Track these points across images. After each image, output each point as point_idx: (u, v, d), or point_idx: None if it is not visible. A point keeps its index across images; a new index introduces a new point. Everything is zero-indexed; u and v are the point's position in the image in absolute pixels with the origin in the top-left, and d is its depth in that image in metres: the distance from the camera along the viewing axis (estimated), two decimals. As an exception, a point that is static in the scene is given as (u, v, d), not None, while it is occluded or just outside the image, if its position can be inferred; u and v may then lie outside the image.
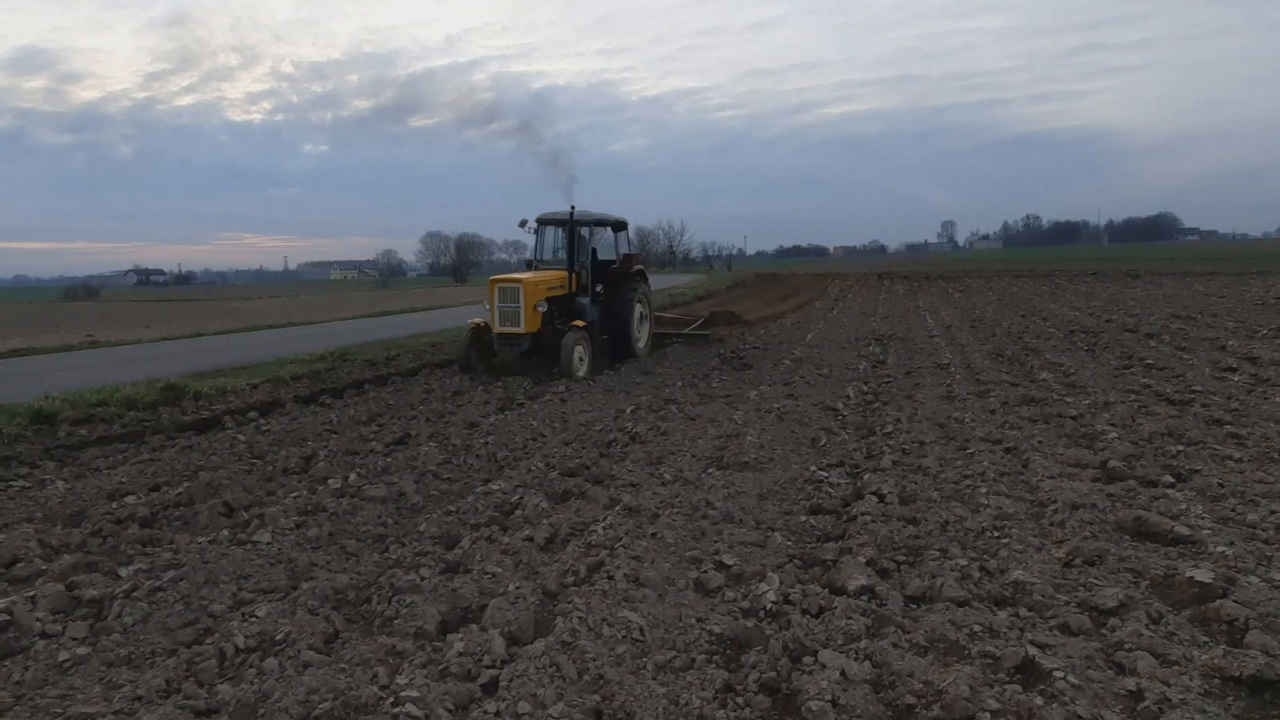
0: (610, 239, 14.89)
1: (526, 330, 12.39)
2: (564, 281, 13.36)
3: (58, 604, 4.38)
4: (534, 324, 12.45)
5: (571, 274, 13.42)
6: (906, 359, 13.23)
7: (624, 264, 14.66)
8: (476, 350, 13.10)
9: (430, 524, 5.62)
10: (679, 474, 6.61)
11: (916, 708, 3.19)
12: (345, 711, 3.25)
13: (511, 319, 12.46)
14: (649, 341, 15.11)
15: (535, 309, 12.39)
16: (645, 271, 15.13)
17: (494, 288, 12.63)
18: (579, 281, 13.66)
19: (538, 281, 12.67)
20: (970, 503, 5.67)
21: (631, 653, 3.69)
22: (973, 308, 23.46)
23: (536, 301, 12.41)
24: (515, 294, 12.40)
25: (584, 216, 13.80)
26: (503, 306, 12.50)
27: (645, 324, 15.00)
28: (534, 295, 12.46)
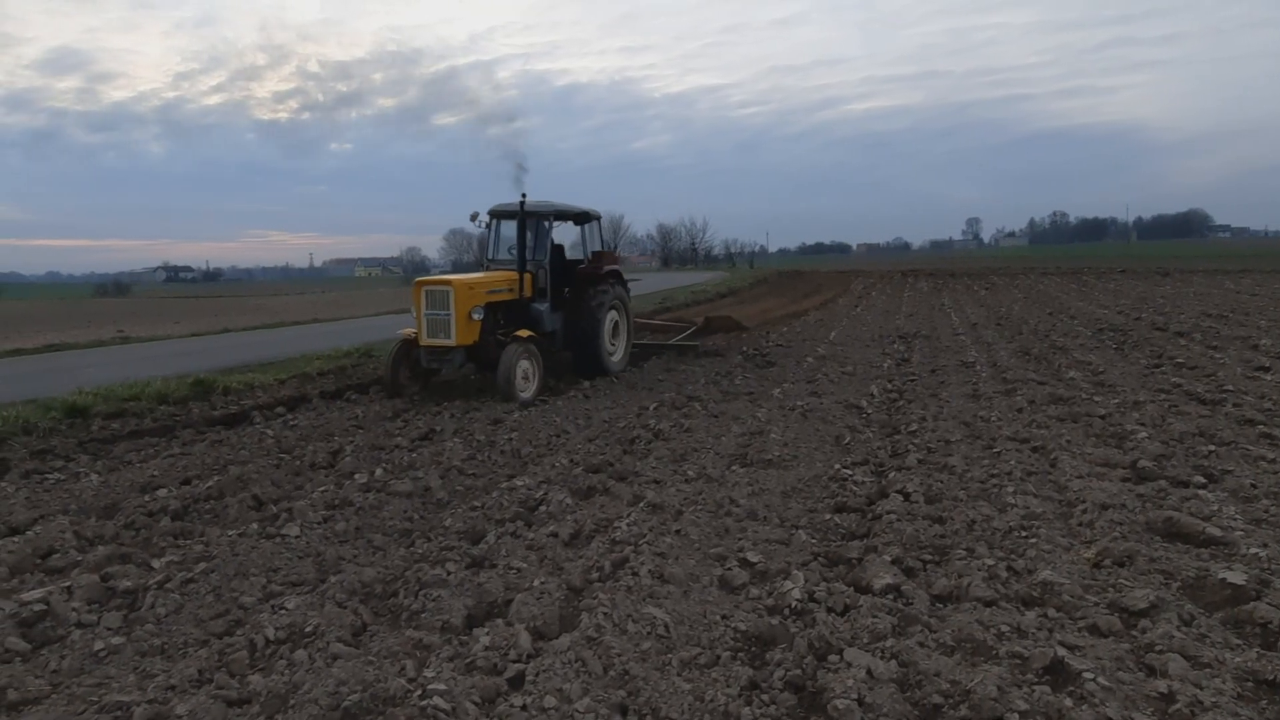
0: (577, 235, 13.06)
1: (458, 342, 10.29)
2: (513, 284, 11.25)
3: (93, 594, 4.47)
4: (468, 335, 10.37)
5: (523, 275, 11.32)
6: (931, 357, 13.13)
7: (593, 263, 12.67)
8: (407, 367, 10.93)
9: (456, 519, 5.67)
10: (702, 471, 6.61)
11: (944, 707, 3.17)
12: (374, 703, 3.28)
13: (440, 329, 10.35)
14: (626, 354, 13.18)
15: (469, 317, 10.29)
16: (621, 272, 13.09)
17: (420, 292, 10.49)
18: (535, 284, 11.63)
19: (473, 284, 10.56)
20: (997, 502, 5.62)
21: (657, 649, 3.70)
22: (998, 305, 23.24)
23: (471, 308, 10.31)
24: (444, 299, 10.29)
25: (541, 207, 11.79)
26: (430, 314, 10.40)
27: (622, 334, 13.06)
28: (467, 300, 10.35)
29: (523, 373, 10.39)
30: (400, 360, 10.88)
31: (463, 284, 10.47)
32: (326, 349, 15.55)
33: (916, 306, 24.29)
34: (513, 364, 10.19)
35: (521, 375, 10.35)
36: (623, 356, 13.05)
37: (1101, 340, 14.38)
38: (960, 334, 16.16)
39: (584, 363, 12.28)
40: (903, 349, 14.34)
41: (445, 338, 10.36)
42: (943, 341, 15.17)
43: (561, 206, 12.18)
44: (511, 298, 11.23)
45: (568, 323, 12.09)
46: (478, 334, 10.49)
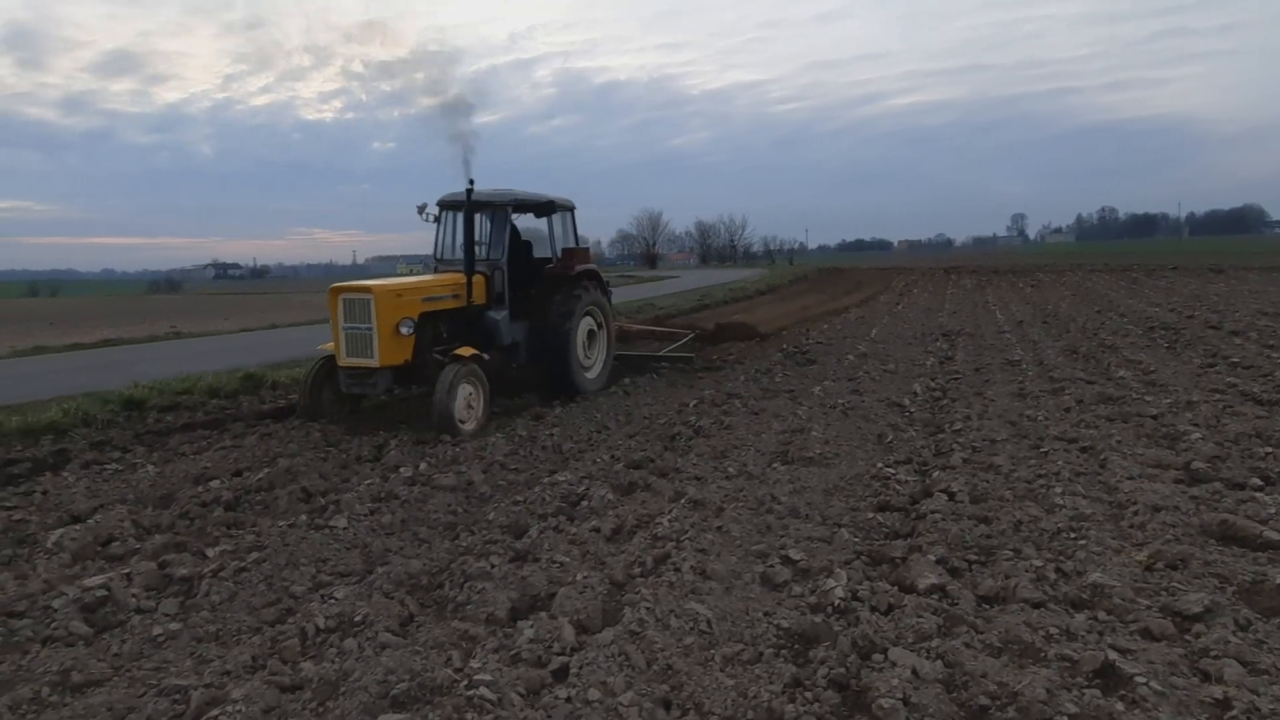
0: (543, 230, 10.90)
1: (382, 363, 8.35)
2: (458, 289, 9.32)
3: (151, 581, 4.61)
4: (395, 353, 8.49)
5: (470, 278, 9.37)
6: (975, 355, 12.94)
7: (563, 263, 10.67)
8: (331, 388, 9.04)
9: (499, 513, 5.73)
10: (743, 468, 6.60)
11: (991, 709, 3.14)
12: (421, 692, 3.34)
13: (361, 347, 8.42)
14: (606, 368, 11.27)
15: (397, 331, 8.41)
16: (598, 272, 11.17)
17: (336, 300, 8.53)
18: (490, 288, 9.76)
19: (401, 291, 8.59)
20: (1045, 503, 5.53)
21: (699, 644, 3.71)
22: (1045, 303, 22.79)
23: (399, 320, 8.43)
24: (364, 309, 8.35)
25: (496, 196, 9.91)
26: (349, 329, 8.48)
27: (599, 345, 11.21)
28: (393, 311, 8.43)
29: (464, 400, 8.41)
30: (323, 379, 9.04)
31: (386, 291, 8.46)
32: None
33: (960, 304, 23.93)
34: (450, 390, 8.19)
35: (463, 403, 8.39)
36: (601, 371, 11.17)
37: (1152, 339, 14.04)
38: (1005, 332, 15.89)
39: (552, 379, 10.41)
40: (946, 347, 14.15)
41: (367, 357, 8.40)
42: (987, 339, 14.93)
43: (522, 195, 10.19)
44: (457, 305, 9.32)
45: (533, 333, 10.18)
46: (410, 351, 8.63)
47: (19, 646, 3.96)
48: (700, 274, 61.80)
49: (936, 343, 14.70)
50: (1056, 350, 13.10)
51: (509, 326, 9.88)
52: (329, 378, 9.00)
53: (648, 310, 23.81)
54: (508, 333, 9.84)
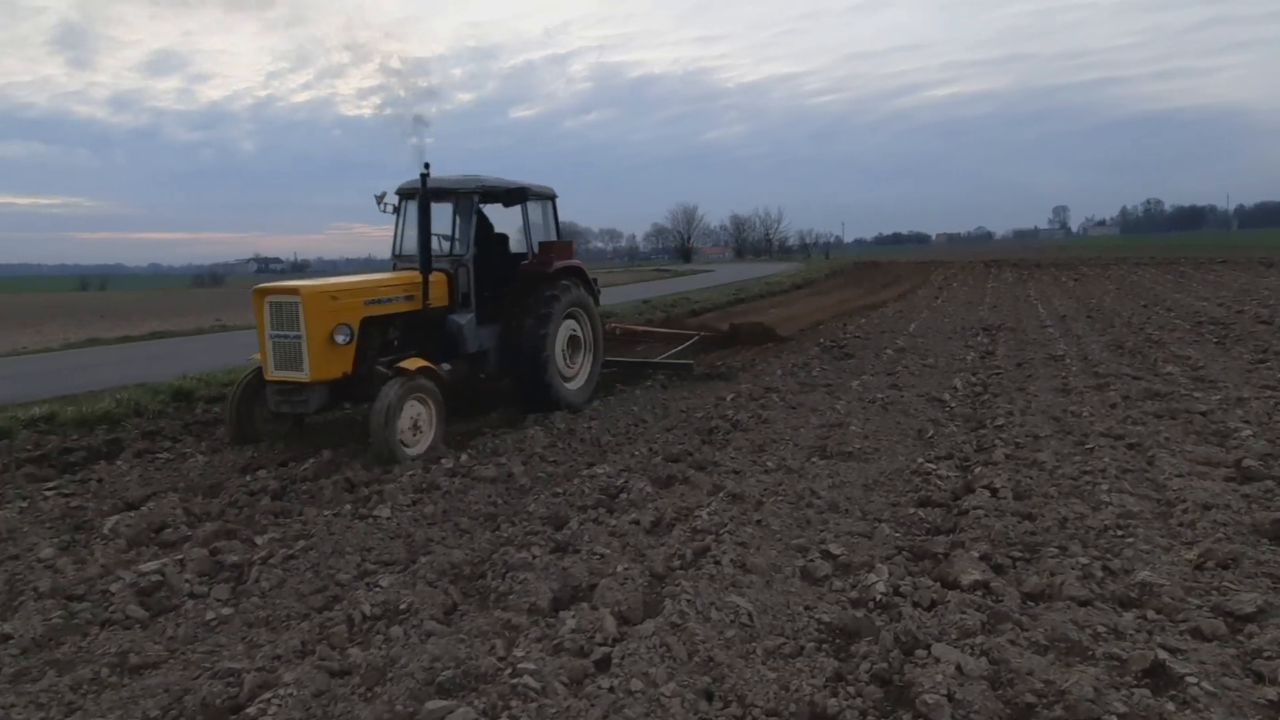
0: (519, 221, 9.63)
1: (314, 377, 7.16)
2: (412, 289, 8.11)
3: (203, 567, 4.74)
4: (330, 365, 7.27)
5: (426, 277, 8.15)
6: (1017, 350, 12.74)
7: (540, 259, 9.41)
8: (264, 407, 7.81)
9: (539, 505, 5.79)
10: (782, 462, 6.59)
11: (1037, 707, 3.11)
12: (467, 679, 3.40)
13: (290, 358, 7.24)
14: (593, 378, 9.99)
15: (330, 340, 7.20)
16: (583, 269, 9.88)
17: (262, 303, 7.36)
18: (454, 288, 8.58)
19: (336, 292, 7.43)
20: (1090, 500, 5.44)
21: (740, 637, 3.72)
22: (1089, 297, 22.36)
23: (333, 326, 7.23)
24: (292, 315, 7.16)
25: (462, 183, 8.79)
26: (277, 336, 7.28)
27: (584, 352, 9.89)
28: (325, 315, 7.21)
29: (411, 421, 7.22)
30: (253, 396, 7.83)
31: (318, 293, 7.26)
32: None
33: (1000, 298, 23.56)
34: (390, 410, 6.94)
35: (409, 424, 7.20)
36: (587, 382, 9.86)
37: (1201, 334, 13.70)
38: (1048, 326, 15.62)
39: (527, 391, 9.10)
40: (987, 341, 13.95)
41: (296, 370, 7.21)
42: (1029, 334, 14.69)
43: (490, 180, 8.99)
44: (411, 308, 8.10)
45: (505, 339, 8.95)
46: (349, 362, 7.43)
47: (79, 628, 4.10)
48: (735, 268, 61.60)
49: (977, 337, 14.50)
50: (1101, 345, 12.85)
51: (475, 331, 8.63)
52: (260, 393, 7.75)
53: (683, 304, 23.83)
54: (474, 339, 8.61)
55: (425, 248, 8.20)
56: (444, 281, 8.49)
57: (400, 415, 7.07)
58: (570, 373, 9.60)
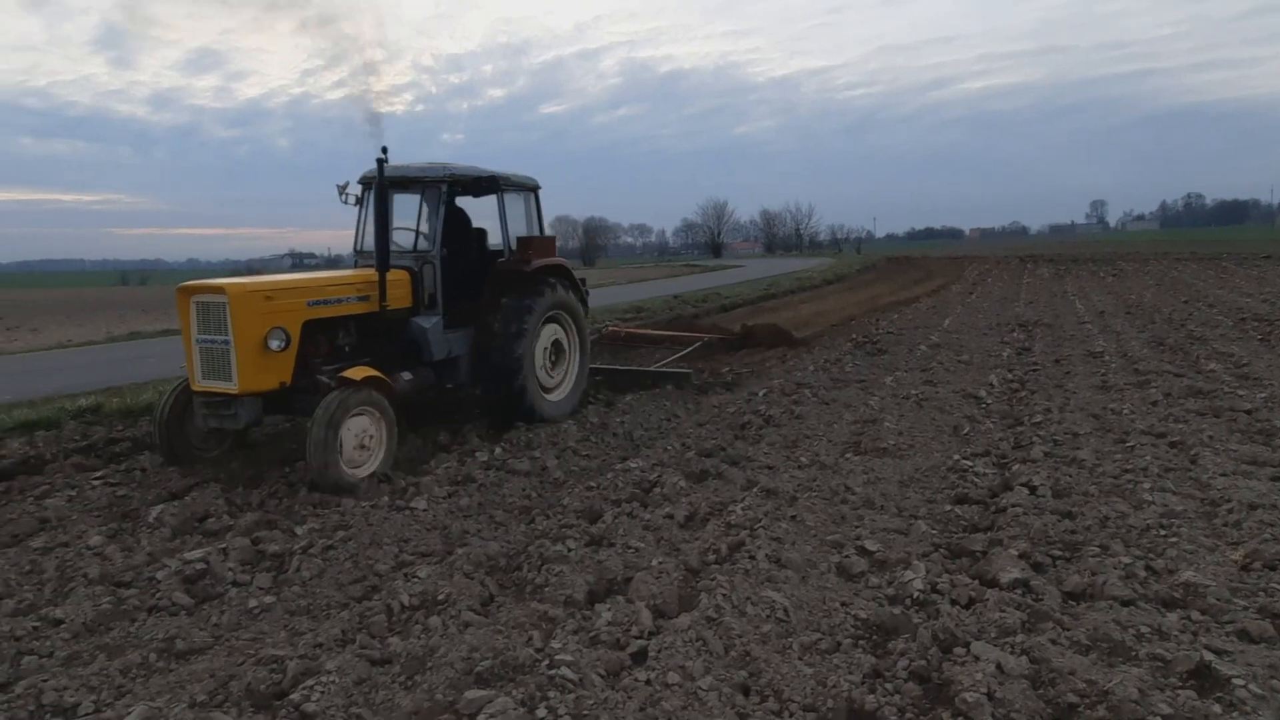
0: (501, 214, 8.53)
1: (243, 388, 6.32)
2: (367, 288, 7.22)
3: (245, 556, 4.83)
4: (264, 375, 6.40)
5: (383, 275, 7.22)
6: (1055, 346, 12.55)
7: (518, 257, 8.49)
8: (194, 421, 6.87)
9: (573, 498, 5.82)
10: (815, 458, 6.56)
11: (1080, 707, 3.07)
12: (505, 670, 3.44)
13: (217, 366, 6.43)
14: (578, 388, 9.03)
15: (264, 346, 6.35)
16: (567, 267, 8.90)
17: (187, 303, 6.54)
18: (419, 287, 7.70)
19: (271, 291, 6.55)
20: (1132, 499, 5.35)
21: (777, 632, 3.71)
22: (1128, 293, 21.95)
23: (267, 330, 6.37)
24: (219, 317, 6.34)
25: (425, 171, 7.91)
26: (204, 341, 6.47)
27: (568, 360, 8.95)
28: (257, 318, 6.36)
29: (355, 439, 6.34)
30: (185, 409, 6.91)
31: (248, 292, 6.38)
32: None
33: (1037, 294, 23.21)
34: (328, 428, 6.04)
35: (354, 443, 6.32)
36: (571, 392, 8.90)
37: (1244, 330, 13.40)
38: (1086, 322, 15.37)
39: (500, 403, 8.14)
40: (1023, 337, 13.76)
41: (224, 380, 6.39)
42: (1067, 330, 14.46)
43: (462, 169, 8.08)
44: (366, 310, 7.22)
45: (477, 345, 8.06)
46: (287, 372, 6.55)
47: (127, 614, 4.20)
48: (765, 263, 61.29)
49: (1013, 333, 14.30)
50: (1141, 342, 12.62)
51: (442, 337, 7.74)
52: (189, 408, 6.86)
53: (714, 299, 23.77)
54: (439, 344, 7.71)
55: (382, 242, 7.22)
56: (406, 280, 7.62)
57: (342, 432, 6.19)
58: (551, 382, 8.65)
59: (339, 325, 7.18)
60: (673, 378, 10.40)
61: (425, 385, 7.71)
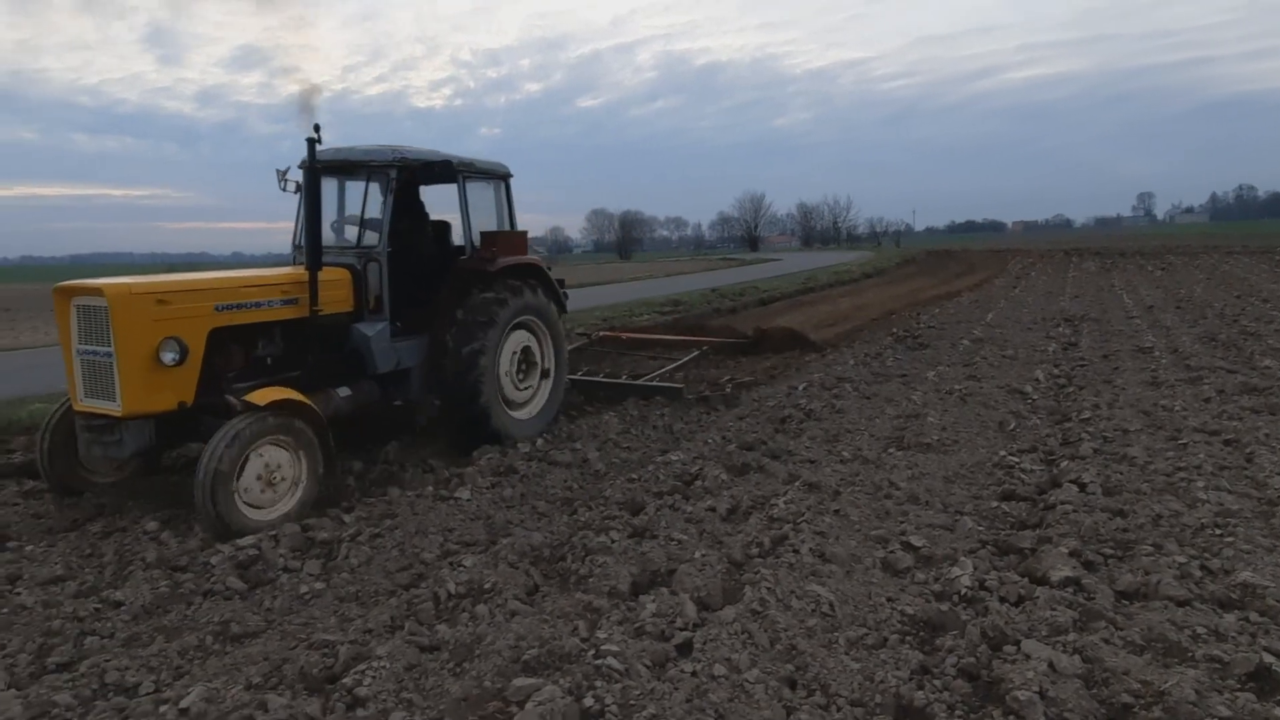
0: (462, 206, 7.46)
1: (128, 410, 5.29)
2: (294, 290, 6.20)
3: (296, 544, 4.93)
4: (154, 395, 5.37)
5: (314, 275, 6.20)
6: (1102, 341, 12.30)
7: (480, 254, 7.41)
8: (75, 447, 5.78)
9: (614, 490, 5.84)
10: (858, 452, 6.51)
11: (1135, 707, 3.02)
12: (551, 659, 3.46)
13: (99, 383, 5.42)
14: (554, 403, 7.94)
15: (156, 359, 5.32)
16: (541, 265, 7.91)
17: (66, 306, 5.56)
18: (361, 288, 6.67)
19: (165, 293, 5.48)
20: (1186, 497, 5.24)
21: (822, 626, 3.70)
22: (1177, 287, 21.42)
23: (159, 340, 5.34)
24: (101, 323, 5.34)
25: (370, 156, 6.93)
26: (86, 353, 5.47)
27: (545, 374, 7.86)
28: (146, 326, 5.33)
29: (263, 475, 5.32)
30: (69, 431, 5.81)
31: (132, 294, 5.35)
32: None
33: (1083, 288, 22.75)
34: (221, 461, 5.04)
35: (258, 479, 5.30)
36: (545, 407, 7.82)
37: (1302, 326, 13.01)
38: (1134, 317, 15.03)
39: (459, 423, 7.10)
40: (1069, 332, 13.50)
41: (107, 400, 5.38)
42: (1114, 325, 14.16)
43: (415, 153, 7.00)
44: (293, 315, 6.19)
45: (435, 358, 6.98)
46: (189, 390, 5.52)
47: (184, 598, 4.31)
48: (802, 257, 60.88)
49: (1059, 328, 14.04)
50: (1192, 337, 12.31)
51: (389, 346, 6.71)
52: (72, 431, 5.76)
53: (751, 293, 23.66)
54: (386, 355, 6.68)
55: (313, 236, 6.27)
56: (346, 281, 6.60)
57: (242, 467, 5.20)
58: (520, 397, 7.59)
59: (258, 333, 6.12)
60: (662, 392, 9.17)
61: (368, 402, 6.65)
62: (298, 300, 6.21)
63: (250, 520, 5.21)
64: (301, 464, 5.57)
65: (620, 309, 18.97)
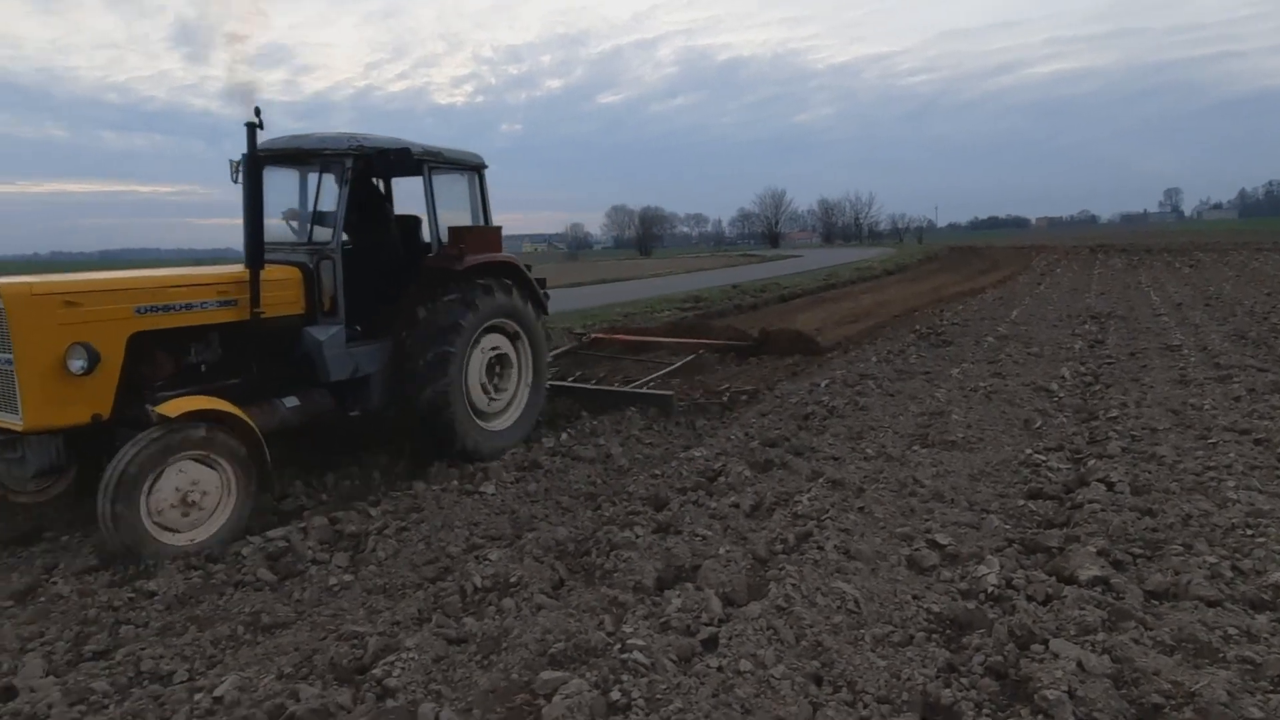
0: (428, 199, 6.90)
1: (29, 425, 4.79)
2: (231, 290, 5.67)
3: (324, 536, 4.99)
4: (62, 408, 4.88)
5: (255, 275, 5.68)
6: (1129, 339, 12.15)
7: (447, 252, 6.82)
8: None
9: (638, 485, 5.86)
10: (882, 450, 6.49)
11: (1165, 708, 3.00)
12: (577, 653, 3.49)
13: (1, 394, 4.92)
14: (531, 412, 7.41)
15: (63, 367, 4.83)
16: (517, 263, 7.36)
17: None
18: (312, 287, 6.11)
19: (74, 294, 4.97)
20: (1216, 497, 5.17)
21: (848, 623, 3.70)
22: (1206, 284, 21.11)
23: (66, 348, 4.84)
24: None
25: (325, 144, 6.35)
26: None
27: (515, 378, 7.27)
28: (50, 331, 4.84)
29: (177, 494, 4.80)
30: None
31: (33, 296, 4.85)
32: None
33: (1109, 285, 22.49)
34: (126, 479, 4.58)
35: (174, 499, 4.79)
36: (520, 419, 7.28)
37: (1336, 324, 12.79)
38: (1162, 315, 14.84)
39: (426, 437, 6.66)
40: (1095, 330, 13.36)
41: (8, 412, 4.88)
42: (1142, 323, 13.99)
43: (374, 140, 6.38)
44: (232, 318, 5.65)
45: (396, 362, 6.45)
46: (105, 402, 5.02)
47: (215, 589, 4.38)
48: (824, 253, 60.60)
49: (1085, 325, 13.90)
50: (1221, 335, 12.14)
51: (344, 352, 6.13)
52: None
53: (773, 289, 23.59)
54: (340, 362, 6.10)
55: (254, 232, 5.72)
56: (296, 280, 6.05)
57: (154, 486, 4.70)
58: (493, 407, 7.03)
59: (190, 338, 5.53)
60: (650, 400, 8.46)
61: (319, 412, 6.08)
62: (236, 302, 5.66)
63: (164, 544, 4.70)
64: (229, 483, 5.00)
65: (641, 305, 18.99)
